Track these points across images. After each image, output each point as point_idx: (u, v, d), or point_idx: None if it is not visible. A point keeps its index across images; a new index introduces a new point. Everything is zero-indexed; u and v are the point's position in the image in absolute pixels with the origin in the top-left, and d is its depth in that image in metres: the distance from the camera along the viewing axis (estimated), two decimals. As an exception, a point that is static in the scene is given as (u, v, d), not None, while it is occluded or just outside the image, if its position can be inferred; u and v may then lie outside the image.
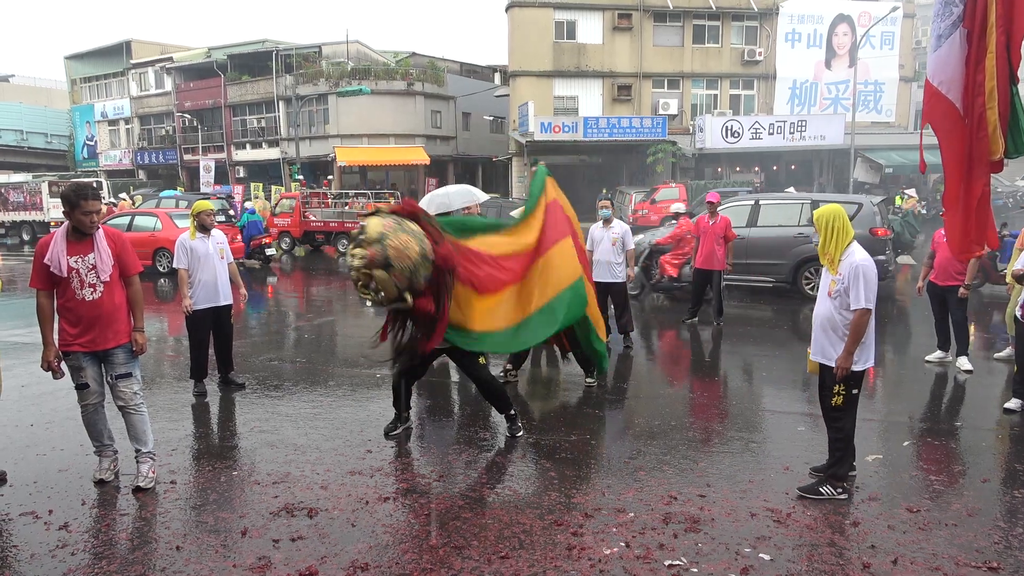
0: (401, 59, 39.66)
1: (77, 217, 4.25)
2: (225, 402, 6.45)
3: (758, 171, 31.54)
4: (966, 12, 3.24)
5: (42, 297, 4.33)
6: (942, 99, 3.41)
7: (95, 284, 4.31)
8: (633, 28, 30.77)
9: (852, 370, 4.21)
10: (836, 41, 32.01)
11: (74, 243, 4.30)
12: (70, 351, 4.36)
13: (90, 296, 4.30)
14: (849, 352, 4.18)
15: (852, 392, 4.29)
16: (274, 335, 9.91)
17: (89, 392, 4.45)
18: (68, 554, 3.69)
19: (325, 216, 21.24)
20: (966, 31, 3.26)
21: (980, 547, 3.71)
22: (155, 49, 43.12)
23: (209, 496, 4.40)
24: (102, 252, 4.33)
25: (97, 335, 4.35)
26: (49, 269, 4.24)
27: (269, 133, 37.39)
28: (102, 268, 4.31)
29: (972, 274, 7.13)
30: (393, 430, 5.47)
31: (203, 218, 6.45)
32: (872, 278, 4.15)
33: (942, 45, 3.39)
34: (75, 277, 4.27)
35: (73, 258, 4.27)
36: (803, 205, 11.70)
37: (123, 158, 43.54)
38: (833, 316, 4.27)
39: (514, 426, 5.43)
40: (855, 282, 4.14)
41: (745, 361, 8.13)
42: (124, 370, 4.48)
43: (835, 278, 4.24)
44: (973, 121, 3.30)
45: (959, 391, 6.85)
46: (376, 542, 3.79)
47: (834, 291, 4.26)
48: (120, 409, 4.54)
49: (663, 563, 3.56)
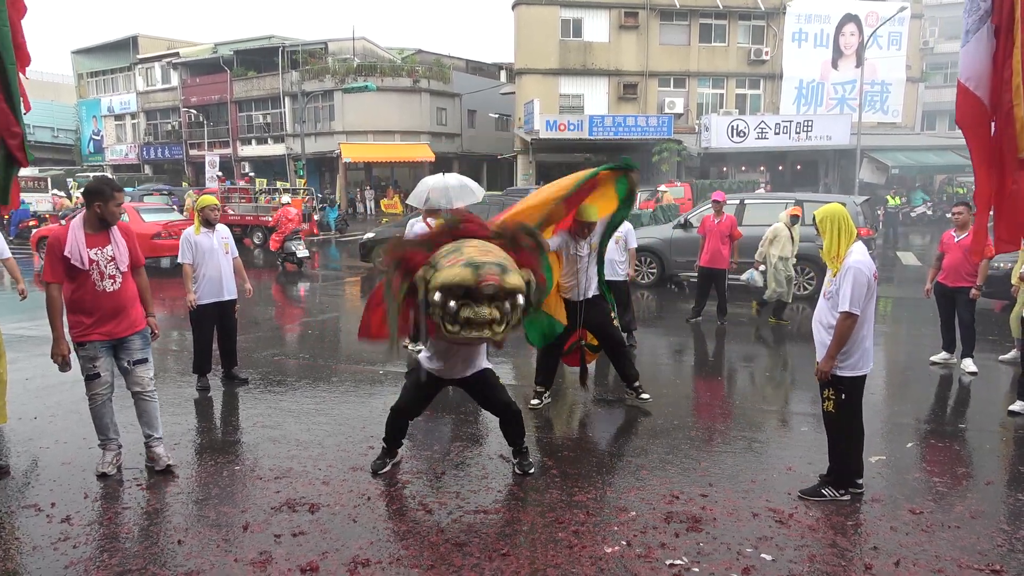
0: (407, 56, 39.64)
1: (111, 209, 4.38)
2: (228, 397, 6.46)
3: (763, 171, 31.46)
4: (994, 7, 3.16)
5: (55, 290, 4.36)
6: (970, 96, 3.32)
7: (115, 275, 4.42)
8: (639, 26, 30.70)
9: (839, 375, 4.10)
10: (843, 41, 31.87)
11: (91, 235, 4.38)
12: (87, 341, 4.41)
13: (110, 287, 4.40)
14: (831, 356, 4.06)
15: (842, 398, 4.15)
16: (276, 331, 9.93)
17: (100, 382, 4.50)
18: (70, 547, 3.70)
19: (243, 210, 22.59)
20: (994, 26, 3.18)
21: (983, 549, 3.69)
22: (162, 44, 43.22)
23: (211, 491, 4.41)
24: (119, 243, 4.46)
25: (116, 325, 4.46)
26: (69, 262, 4.28)
27: (275, 129, 37.44)
28: (120, 259, 4.44)
29: (984, 275, 7.10)
30: (382, 467, 4.72)
31: (207, 213, 6.45)
32: (861, 281, 3.98)
33: (970, 41, 3.31)
34: (95, 269, 4.35)
35: (92, 250, 4.35)
36: (788, 205, 11.91)
37: (129, 153, 43.67)
38: (825, 317, 4.18)
39: (525, 461, 4.69)
40: (844, 284, 4.00)
41: (748, 361, 8.11)
42: (141, 355, 4.59)
43: (831, 279, 4.16)
44: (1002, 118, 3.21)
45: (964, 393, 6.82)
46: (377, 538, 3.80)
47: (828, 292, 4.17)
48: (135, 395, 4.63)
49: (664, 562, 3.55)
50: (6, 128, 4.48)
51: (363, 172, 37.59)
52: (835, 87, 32.05)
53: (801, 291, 11.67)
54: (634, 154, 30.53)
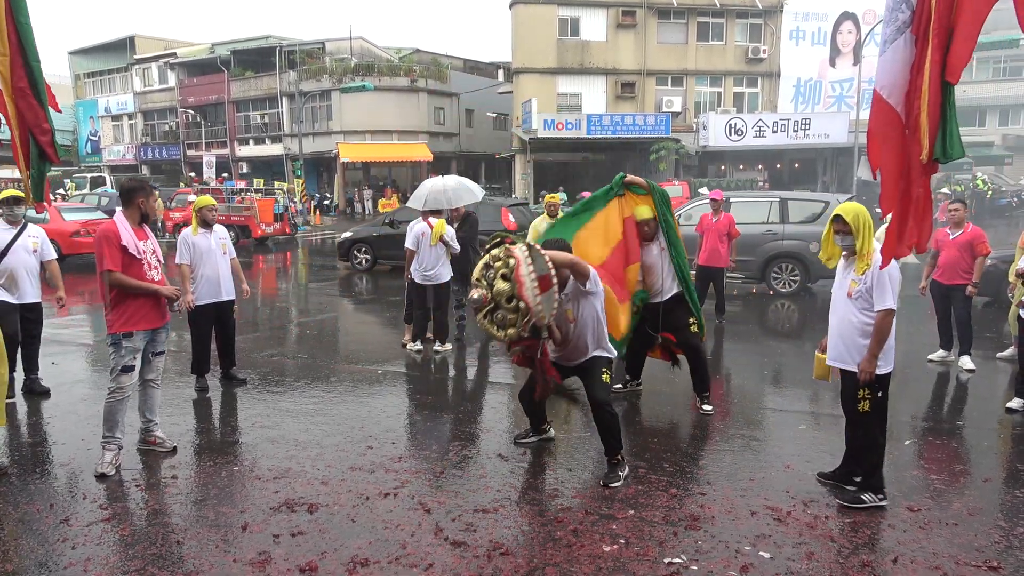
0: (405, 56, 39.65)
1: (151, 204, 4.81)
2: (227, 397, 6.46)
3: (762, 169, 31.50)
4: (913, 17, 3.23)
5: (119, 276, 4.61)
6: (884, 105, 3.39)
7: (157, 266, 4.85)
8: (637, 25, 30.72)
9: (878, 373, 4.05)
10: (840, 39, 31.90)
11: (137, 230, 4.75)
12: (136, 331, 4.68)
13: (156, 276, 4.82)
14: (873, 355, 4.02)
15: (878, 396, 4.13)
16: (277, 330, 9.92)
17: (132, 375, 4.75)
18: (68, 548, 3.70)
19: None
20: (913, 37, 3.24)
21: (980, 546, 3.70)
22: (159, 45, 43.18)
23: (210, 491, 4.41)
24: (152, 239, 4.90)
25: (158, 313, 4.83)
26: (128, 251, 4.60)
27: (272, 129, 37.43)
28: (158, 252, 4.91)
29: (980, 272, 7.11)
30: (525, 437, 5.17)
31: (205, 213, 6.45)
32: (898, 277, 4.02)
33: (887, 51, 3.37)
34: (145, 259, 4.73)
35: (141, 242, 4.73)
36: (772, 203, 12.22)
37: (127, 153, 43.62)
38: (853, 318, 4.11)
39: (613, 474, 4.52)
40: (880, 282, 3.97)
41: (746, 358, 8.12)
42: (162, 348, 5.00)
43: (856, 278, 4.07)
44: (911, 124, 3.29)
45: (961, 390, 6.84)
46: (376, 537, 3.80)
47: (855, 291, 4.09)
48: (146, 383, 4.99)
49: (663, 560, 3.56)
50: (36, 125, 4.58)
51: (361, 172, 37.58)
52: (833, 85, 32.09)
53: (786, 288, 11.71)
54: (632, 153, 30.60)
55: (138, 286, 4.65)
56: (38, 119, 4.57)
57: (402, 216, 14.31)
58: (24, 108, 4.56)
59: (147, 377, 4.97)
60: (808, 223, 11.60)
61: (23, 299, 6.12)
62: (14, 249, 6.03)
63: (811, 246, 11.05)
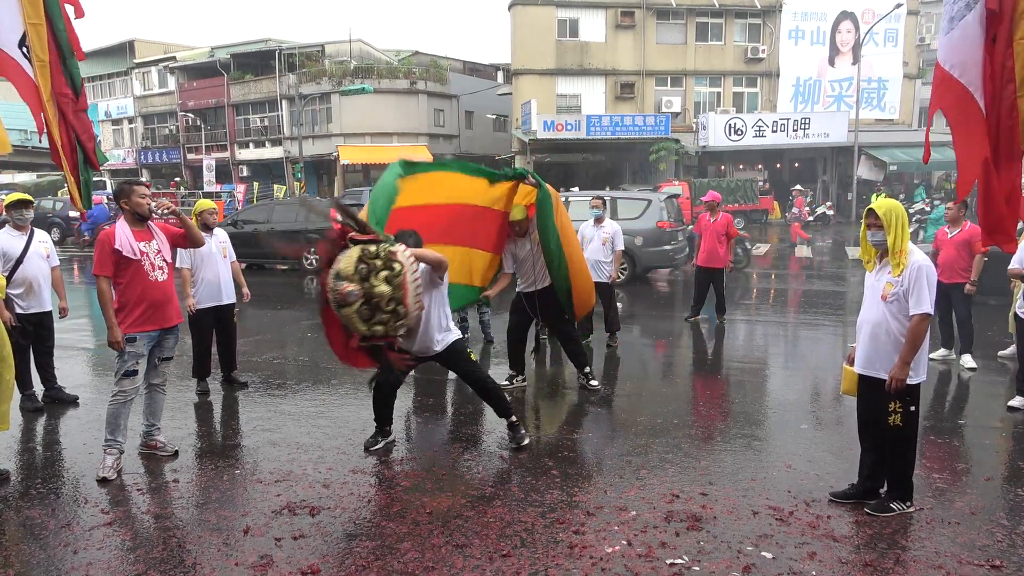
0: (404, 58, 39.66)
1: (135, 201, 4.65)
2: (228, 401, 6.46)
3: (761, 169, 31.51)
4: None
5: (104, 283, 4.60)
6: (955, 84, 3.16)
7: (162, 267, 4.76)
8: (636, 26, 30.73)
9: (911, 384, 3.82)
10: (840, 38, 31.91)
11: (137, 231, 4.69)
12: (138, 333, 4.66)
13: (161, 277, 4.75)
14: (905, 362, 3.77)
15: (911, 409, 3.88)
16: (278, 333, 9.92)
17: (135, 379, 4.75)
18: (70, 552, 3.70)
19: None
20: (985, 12, 3.01)
21: (983, 545, 3.70)
22: (158, 48, 43.19)
23: (211, 494, 4.41)
24: (160, 238, 4.81)
25: (164, 314, 4.78)
26: (121, 254, 4.56)
27: (272, 132, 37.43)
28: (165, 252, 4.81)
29: (978, 270, 7.11)
30: (374, 444, 5.14)
31: (205, 217, 6.45)
32: (933, 280, 3.78)
33: (955, 27, 3.14)
34: (146, 260, 4.66)
35: (141, 243, 4.66)
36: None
37: (127, 157, 43.63)
38: (887, 322, 3.87)
39: (517, 434, 5.12)
40: (918, 284, 3.74)
41: (747, 359, 8.12)
42: (170, 353, 5.02)
43: (892, 280, 3.83)
44: (1003, 110, 3.03)
45: (963, 389, 6.83)
46: (378, 541, 3.80)
47: (890, 295, 3.84)
48: (152, 387, 4.98)
49: (665, 561, 3.55)
50: (84, 131, 4.59)
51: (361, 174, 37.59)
52: (832, 84, 32.08)
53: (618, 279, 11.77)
54: (632, 154, 30.63)
55: (104, 311, 4.59)
56: (85, 125, 4.59)
57: None
58: (71, 114, 4.59)
59: (153, 382, 4.97)
60: (634, 220, 12.91)
61: (43, 307, 5.96)
62: (29, 256, 5.78)
63: (636, 240, 12.57)
